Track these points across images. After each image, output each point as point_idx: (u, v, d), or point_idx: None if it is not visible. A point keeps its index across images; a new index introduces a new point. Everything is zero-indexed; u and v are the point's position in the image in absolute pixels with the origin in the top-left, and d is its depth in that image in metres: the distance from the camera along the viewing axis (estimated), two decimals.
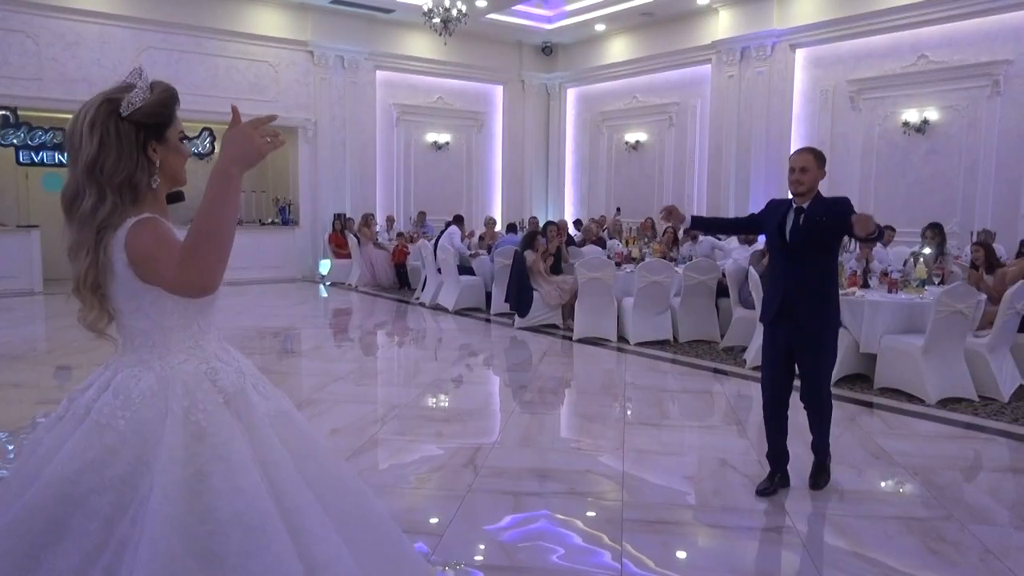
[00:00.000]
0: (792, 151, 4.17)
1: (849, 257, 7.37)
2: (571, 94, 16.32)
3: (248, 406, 1.75)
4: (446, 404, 5.81)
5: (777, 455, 3.91)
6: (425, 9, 11.30)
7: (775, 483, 3.87)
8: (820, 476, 3.93)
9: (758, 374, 4.80)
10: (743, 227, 4.46)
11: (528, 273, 8.79)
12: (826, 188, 3.93)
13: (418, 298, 11.02)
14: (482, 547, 3.27)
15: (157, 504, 1.55)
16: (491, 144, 16.19)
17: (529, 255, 8.74)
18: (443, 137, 15.42)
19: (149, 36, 11.97)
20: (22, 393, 5.91)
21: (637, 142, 14.87)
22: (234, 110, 1.67)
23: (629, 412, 5.51)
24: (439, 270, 10.43)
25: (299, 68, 13.48)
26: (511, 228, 10.91)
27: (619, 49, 14.85)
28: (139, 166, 1.72)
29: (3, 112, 11.15)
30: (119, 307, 1.73)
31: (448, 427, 5.06)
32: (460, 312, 9.97)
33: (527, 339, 8.38)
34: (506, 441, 4.72)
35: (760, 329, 4.86)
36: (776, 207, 3.91)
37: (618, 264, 8.85)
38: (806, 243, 3.70)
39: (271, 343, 8.24)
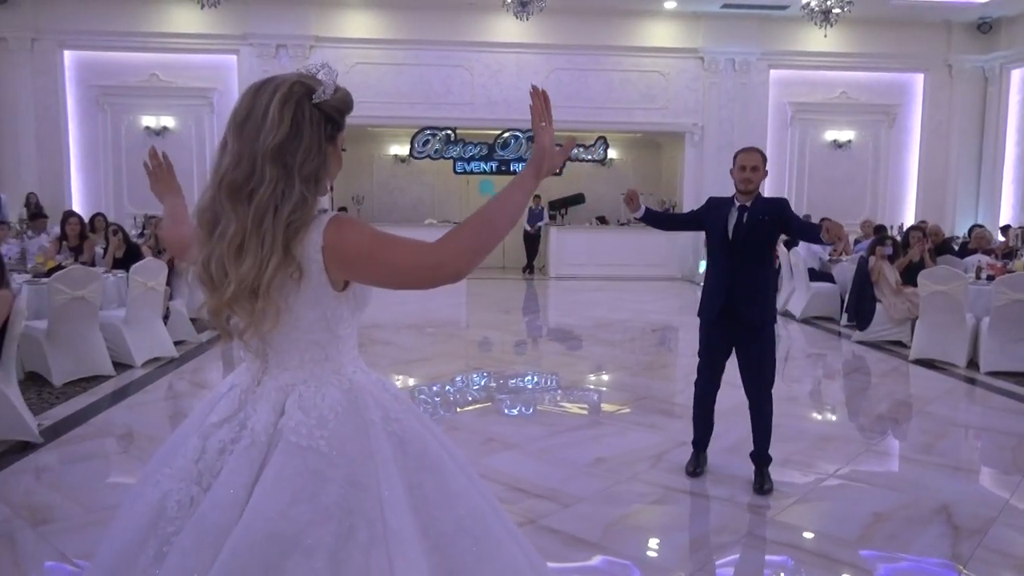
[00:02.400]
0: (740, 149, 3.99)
1: None
2: (1016, 76, 13.63)
3: (418, 412, 1.66)
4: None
5: (705, 441, 4.15)
6: (803, 2, 10.80)
7: (701, 462, 4.12)
8: (764, 482, 3.89)
9: None
10: (684, 224, 4.26)
11: (873, 282, 7.95)
12: None
13: None
14: None
15: (397, 524, 1.43)
16: (905, 140, 14.45)
17: (871, 261, 7.90)
18: (845, 135, 14.32)
19: (556, 59, 13.70)
20: (437, 361, 7.67)
21: None
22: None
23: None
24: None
25: (689, 75, 13.94)
26: (878, 230, 9.79)
27: None
28: (327, 160, 1.53)
29: (446, 131, 14.00)
30: (292, 318, 1.52)
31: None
32: (807, 320, 9.41)
33: (864, 355, 7.64)
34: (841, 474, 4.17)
35: None
36: (718, 205, 3.96)
37: (990, 278, 7.43)
38: (748, 241, 3.80)
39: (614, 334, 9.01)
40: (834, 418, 5.66)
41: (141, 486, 1.58)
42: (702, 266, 13.92)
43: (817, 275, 9.73)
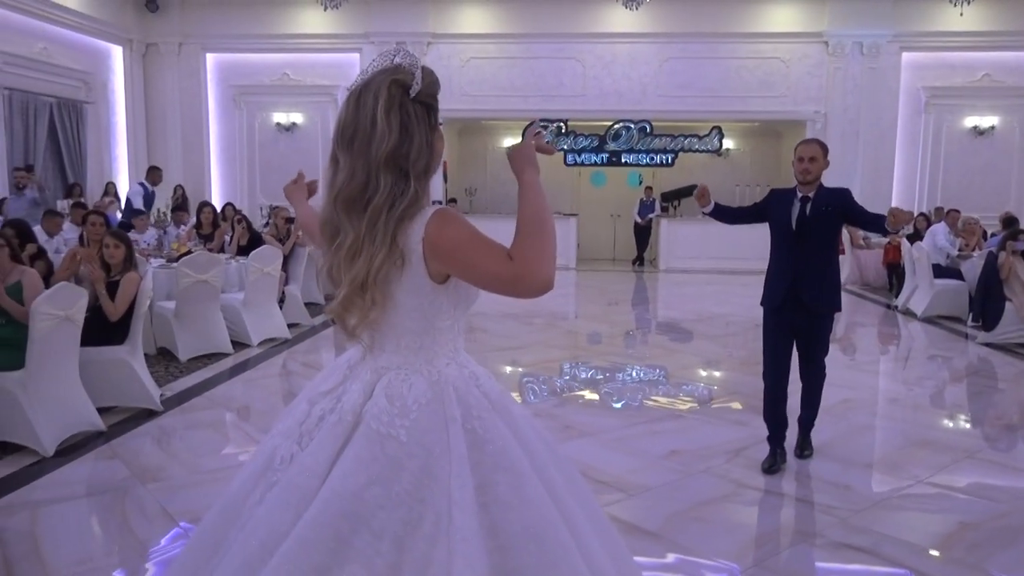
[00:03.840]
0: (800, 141, 4.09)
1: None
2: None
3: (509, 411, 1.66)
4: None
5: (780, 436, 4.07)
6: None
7: (778, 459, 4.02)
8: (806, 447, 4.17)
9: None
10: (748, 216, 4.11)
11: (1002, 280, 7.37)
12: None
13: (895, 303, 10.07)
14: None
15: (462, 522, 1.46)
16: None
17: (1000, 257, 7.32)
18: (987, 121, 13.23)
19: (670, 48, 13.45)
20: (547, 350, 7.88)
21: None
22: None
23: None
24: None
25: (811, 60, 13.31)
26: (1008, 223, 8.97)
27: None
28: (434, 148, 1.59)
29: (558, 123, 14.06)
30: (392, 304, 1.58)
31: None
32: (930, 320, 8.83)
33: (989, 357, 7.11)
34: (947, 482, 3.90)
35: None
36: (780, 196, 4.02)
37: None
38: (812, 231, 3.83)
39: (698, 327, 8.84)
40: (943, 423, 5.31)
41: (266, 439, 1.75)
42: None
43: (943, 271, 9.10)
